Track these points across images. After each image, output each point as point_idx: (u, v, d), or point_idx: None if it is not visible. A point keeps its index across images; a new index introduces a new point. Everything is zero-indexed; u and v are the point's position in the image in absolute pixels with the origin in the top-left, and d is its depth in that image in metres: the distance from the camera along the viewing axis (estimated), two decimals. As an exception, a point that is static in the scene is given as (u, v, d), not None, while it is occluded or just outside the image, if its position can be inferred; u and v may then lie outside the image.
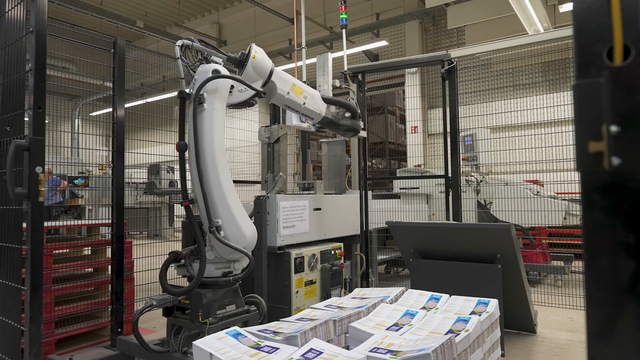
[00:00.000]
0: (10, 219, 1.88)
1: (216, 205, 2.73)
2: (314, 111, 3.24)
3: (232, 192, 2.80)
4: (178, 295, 2.70)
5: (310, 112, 3.23)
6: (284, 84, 3.06)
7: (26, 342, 1.76)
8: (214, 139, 2.70)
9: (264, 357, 1.82)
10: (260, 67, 2.96)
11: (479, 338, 2.28)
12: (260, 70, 2.96)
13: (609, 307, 0.57)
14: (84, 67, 11.93)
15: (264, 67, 2.97)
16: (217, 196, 2.74)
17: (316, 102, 3.27)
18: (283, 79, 3.06)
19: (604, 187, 0.56)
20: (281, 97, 3.06)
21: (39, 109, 1.80)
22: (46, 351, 3.28)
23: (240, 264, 2.83)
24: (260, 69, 2.96)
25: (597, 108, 0.55)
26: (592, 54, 0.58)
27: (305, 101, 3.16)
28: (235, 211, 2.78)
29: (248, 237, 2.79)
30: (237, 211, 2.79)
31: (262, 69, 2.96)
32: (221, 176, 2.74)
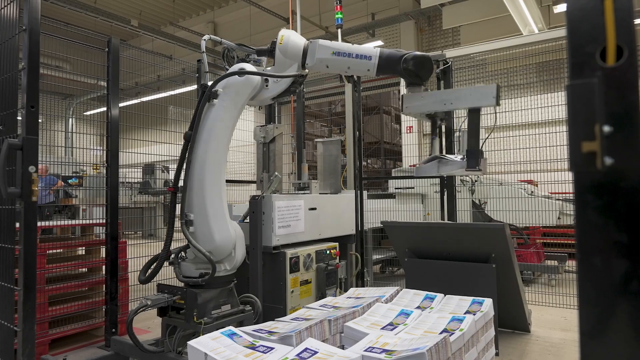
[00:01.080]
0: (3, 219, 1.87)
1: (192, 199, 2.72)
2: (367, 52, 2.65)
3: (213, 190, 2.73)
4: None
5: (364, 51, 2.66)
6: (324, 50, 2.69)
7: (19, 343, 1.75)
8: (212, 134, 2.68)
9: (259, 357, 1.81)
10: (290, 51, 2.76)
11: (474, 337, 2.29)
12: (290, 53, 2.77)
13: (601, 306, 0.57)
14: (78, 66, 11.86)
15: (295, 50, 2.75)
16: (196, 190, 2.72)
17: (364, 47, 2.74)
18: (322, 46, 2.69)
19: (596, 187, 0.56)
20: (325, 60, 2.69)
21: (32, 108, 1.79)
22: (40, 351, 3.25)
23: (223, 266, 2.79)
24: (290, 53, 2.77)
25: (591, 108, 0.55)
26: (586, 55, 0.58)
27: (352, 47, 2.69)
28: (211, 210, 2.72)
29: (217, 242, 2.74)
30: (213, 211, 2.73)
31: (293, 52, 2.76)
32: (207, 171, 2.70)
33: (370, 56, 2.57)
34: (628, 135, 0.54)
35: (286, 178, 9.06)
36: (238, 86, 2.74)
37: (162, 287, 2.89)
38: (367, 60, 2.57)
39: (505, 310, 3.70)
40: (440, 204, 4.71)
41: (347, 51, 2.63)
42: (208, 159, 2.70)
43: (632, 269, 0.55)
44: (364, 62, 2.57)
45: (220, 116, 2.72)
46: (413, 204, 6.33)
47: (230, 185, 7.65)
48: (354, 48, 2.63)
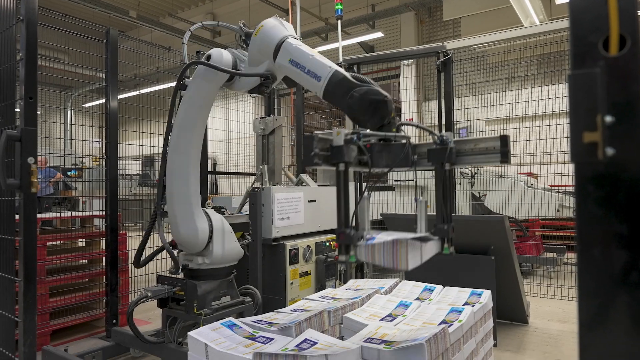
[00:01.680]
0: (2, 211, 1.86)
1: (166, 190, 2.71)
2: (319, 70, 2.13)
3: (181, 180, 2.67)
4: None
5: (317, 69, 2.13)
6: (284, 54, 2.26)
7: (20, 333, 1.76)
8: (182, 122, 2.64)
9: (258, 348, 1.82)
10: (262, 46, 2.35)
11: (472, 328, 2.30)
12: (262, 49, 2.36)
13: (601, 298, 0.57)
14: (76, 57, 11.79)
15: (267, 45, 2.32)
16: (167, 180, 2.70)
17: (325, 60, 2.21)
18: (285, 49, 2.27)
19: (597, 178, 0.56)
20: (284, 67, 2.27)
21: (30, 99, 1.78)
22: (41, 342, 3.27)
23: (201, 259, 2.77)
24: (262, 48, 2.36)
25: (592, 98, 0.55)
26: (588, 44, 0.58)
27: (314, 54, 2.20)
28: (178, 203, 2.68)
29: (182, 235, 2.71)
30: (179, 203, 2.68)
31: (264, 48, 2.34)
32: (176, 160, 2.66)
33: (320, 77, 2.08)
34: (630, 125, 0.54)
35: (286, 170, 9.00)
36: (205, 74, 2.62)
37: (162, 278, 2.91)
38: (315, 81, 2.09)
39: (504, 301, 3.72)
40: (440, 196, 4.70)
41: (302, 63, 2.16)
42: (178, 147, 2.66)
43: (632, 260, 0.55)
44: (312, 82, 2.11)
45: (189, 103, 2.65)
46: (413, 196, 6.33)
47: (230, 177, 7.65)
48: (309, 61, 2.14)
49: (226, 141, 6.26)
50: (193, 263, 2.78)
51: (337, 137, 1.66)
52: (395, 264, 1.67)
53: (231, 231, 2.86)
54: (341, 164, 1.67)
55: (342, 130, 1.67)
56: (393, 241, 1.66)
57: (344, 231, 1.67)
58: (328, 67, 2.08)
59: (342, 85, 2.00)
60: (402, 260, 1.67)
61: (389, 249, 1.68)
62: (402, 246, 1.66)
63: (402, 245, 1.66)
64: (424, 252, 1.75)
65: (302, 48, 2.21)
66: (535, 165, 6.05)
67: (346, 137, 1.66)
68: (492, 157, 1.80)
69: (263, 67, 2.45)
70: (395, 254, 1.67)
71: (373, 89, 1.92)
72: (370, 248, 1.70)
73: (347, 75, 2.03)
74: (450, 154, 1.81)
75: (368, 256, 1.70)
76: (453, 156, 1.83)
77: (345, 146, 1.65)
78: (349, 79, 2.00)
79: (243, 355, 1.78)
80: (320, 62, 2.11)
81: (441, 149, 1.82)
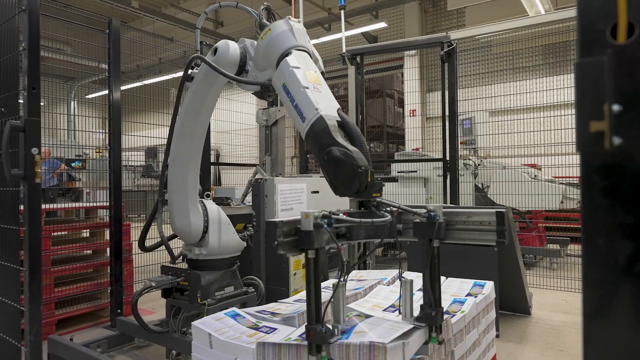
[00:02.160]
0: (7, 201, 1.87)
1: (168, 178, 2.70)
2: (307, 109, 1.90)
3: (181, 171, 2.65)
4: None
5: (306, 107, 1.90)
6: (280, 75, 2.04)
7: (26, 322, 1.78)
8: (186, 112, 2.61)
9: (262, 337, 1.84)
10: (268, 54, 2.14)
11: (475, 319, 2.30)
12: (268, 57, 2.14)
13: (605, 288, 0.57)
14: (79, 48, 11.76)
15: (271, 54, 2.11)
16: (169, 169, 2.69)
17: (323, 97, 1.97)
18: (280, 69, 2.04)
19: (603, 168, 0.55)
20: (277, 88, 2.09)
21: (33, 90, 1.78)
22: (47, 331, 3.31)
23: (198, 250, 2.78)
24: (267, 55, 2.14)
25: (599, 87, 0.54)
26: (596, 32, 0.57)
27: (309, 87, 1.94)
28: (175, 192, 2.68)
29: (176, 226, 2.72)
30: (177, 193, 2.68)
31: (270, 56, 2.12)
32: (178, 149, 2.65)
33: (305, 118, 1.87)
34: (638, 114, 0.53)
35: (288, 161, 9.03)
36: (207, 72, 2.48)
37: (165, 269, 2.92)
38: (300, 119, 1.89)
39: (507, 293, 3.73)
40: (443, 187, 4.70)
41: (292, 93, 1.95)
42: (183, 133, 2.64)
43: (638, 251, 0.55)
44: (297, 120, 1.91)
45: (188, 100, 2.63)
46: (415, 187, 6.32)
47: (233, 168, 7.65)
48: (299, 95, 1.92)
49: (229, 132, 6.26)
50: (191, 253, 2.80)
51: (305, 220, 1.52)
52: None
53: (228, 222, 2.84)
54: (310, 251, 1.53)
55: (312, 213, 1.53)
56: (370, 344, 1.52)
57: (314, 328, 1.52)
58: (314, 109, 1.84)
59: (320, 137, 1.78)
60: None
61: (366, 353, 1.53)
62: (380, 352, 1.51)
63: (381, 351, 1.51)
64: (407, 351, 1.59)
65: (297, 75, 1.95)
66: (539, 156, 6.02)
67: (316, 221, 1.52)
68: (486, 235, 1.66)
69: (266, 75, 2.24)
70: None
71: (350, 154, 1.68)
72: (345, 349, 1.55)
73: (332, 125, 1.79)
74: (439, 230, 1.67)
75: (342, 357, 1.55)
76: (442, 231, 1.69)
77: (315, 231, 1.51)
78: (329, 133, 1.76)
79: (247, 344, 1.80)
80: (309, 101, 1.87)
81: (428, 223, 1.68)
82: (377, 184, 1.74)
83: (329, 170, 1.73)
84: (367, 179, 1.69)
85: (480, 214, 1.70)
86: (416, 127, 10.03)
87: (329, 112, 1.85)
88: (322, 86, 2.00)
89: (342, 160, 1.68)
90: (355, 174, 1.66)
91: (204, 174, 3.85)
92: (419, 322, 1.72)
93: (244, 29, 13.54)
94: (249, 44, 2.44)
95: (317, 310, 1.54)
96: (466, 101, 5.44)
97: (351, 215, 1.72)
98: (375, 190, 1.73)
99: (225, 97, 5.74)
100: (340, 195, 1.75)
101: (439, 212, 1.69)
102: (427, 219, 1.68)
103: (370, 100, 13.49)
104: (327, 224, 1.53)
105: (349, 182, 1.69)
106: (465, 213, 1.73)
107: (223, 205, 2.98)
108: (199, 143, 2.69)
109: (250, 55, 2.41)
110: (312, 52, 2.20)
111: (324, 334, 1.52)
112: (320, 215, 1.54)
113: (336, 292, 1.63)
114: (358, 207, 1.80)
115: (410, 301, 1.74)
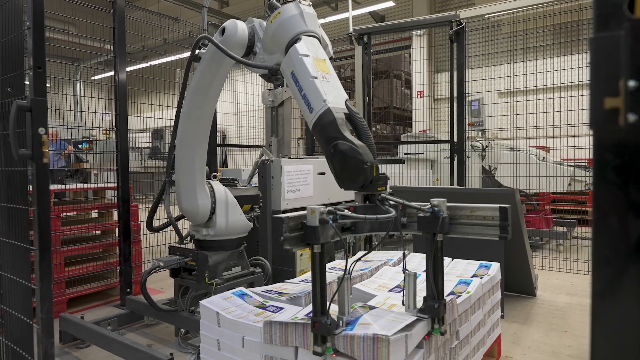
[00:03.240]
0: (16, 181, 1.89)
1: (175, 159, 2.70)
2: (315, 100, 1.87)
3: (188, 152, 2.65)
4: None
5: (315, 97, 1.87)
6: (288, 62, 2.01)
7: (37, 300, 1.81)
8: (193, 92, 2.60)
9: (269, 317, 1.86)
10: (277, 38, 2.09)
11: (480, 300, 2.32)
12: (277, 40, 2.10)
13: (615, 267, 0.56)
14: (84, 28, 11.69)
15: (281, 38, 2.06)
16: (176, 150, 2.69)
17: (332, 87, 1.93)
18: (289, 55, 2.00)
19: (617, 145, 0.54)
20: (285, 75, 2.05)
21: (39, 69, 1.77)
22: (58, 310, 3.38)
23: (206, 230, 2.80)
24: (277, 39, 2.10)
25: (615, 62, 0.53)
26: (612, 5, 0.55)
27: (318, 77, 1.90)
28: (183, 173, 2.68)
29: (184, 207, 2.74)
30: (184, 174, 2.68)
31: (279, 40, 2.08)
32: (186, 130, 2.64)
33: (313, 109, 1.85)
34: (654, 90, 0.52)
35: (295, 143, 8.99)
36: (216, 49, 2.36)
37: (173, 249, 2.95)
38: (307, 110, 1.87)
39: (512, 274, 3.74)
40: (450, 169, 4.67)
41: (300, 82, 1.92)
42: (190, 113, 2.63)
43: (649, 230, 0.54)
44: (305, 110, 1.89)
45: (196, 81, 2.59)
46: (422, 169, 6.30)
47: (240, 150, 7.65)
48: (308, 85, 1.89)
49: (235, 114, 6.23)
50: (199, 234, 2.82)
51: (311, 216, 1.54)
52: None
53: (235, 203, 2.86)
54: (316, 245, 1.56)
55: (317, 209, 1.54)
56: (374, 336, 1.54)
57: (320, 320, 1.55)
58: (322, 100, 1.82)
59: (327, 130, 1.78)
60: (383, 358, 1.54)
61: (370, 344, 1.55)
62: (383, 344, 1.53)
63: (384, 343, 1.53)
64: (410, 343, 1.62)
65: (306, 63, 1.92)
66: (548, 138, 5.95)
67: (321, 216, 1.53)
68: (489, 230, 1.67)
69: (274, 58, 2.20)
70: (377, 352, 1.54)
71: (356, 149, 1.69)
72: (350, 340, 1.57)
73: (339, 118, 1.78)
74: (442, 224, 1.68)
75: (347, 349, 1.58)
76: (446, 226, 1.70)
77: (320, 227, 1.53)
78: (336, 126, 1.76)
79: (254, 323, 1.82)
80: (317, 91, 1.85)
81: (432, 217, 1.70)
82: (382, 178, 1.76)
83: (334, 163, 1.74)
84: (372, 174, 1.70)
85: (484, 209, 1.71)
86: (423, 109, 9.93)
87: (336, 104, 1.84)
88: (330, 75, 1.98)
89: (348, 155, 1.69)
90: (360, 170, 1.68)
91: (211, 155, 3.85)
92: (422, 313, 1.75)
93: (250, 9, 13.36)
94: (257, 24, 2.39)
95: (322, 303, 1.58)
96: (475, 82, 5.36)
97: (356, 208, 1.75)
98: (380, 185, 1.75)
99: (231, 78, 5.70)
100: (346, 189, 1.77)
101: (442, 207, 1.70)
102: (431, 213, 1.70)
103: (377, 81, 13.36)
104: (332, 220, 1.56)
105: (354, 176, 1.70)
106: (468, 208, 1.74)
107: (230, 187, 2.99)
108: (206, 124, 2.69)
109: (258, 36, 2.36)
110: (322, 37, 2.16)
111: (329, 326, 1.55)
112: (326, 211, 1.57)
113: (342, 284, 1.66)
114: (363, 200, 1.82)
115: (414, 293, 1.77)
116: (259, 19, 2.42)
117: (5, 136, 1.88)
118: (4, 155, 1.93)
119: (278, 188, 3.27)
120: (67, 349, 2.93)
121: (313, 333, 1.59)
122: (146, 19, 5.05)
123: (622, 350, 0.57)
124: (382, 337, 1.54)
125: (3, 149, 1.93)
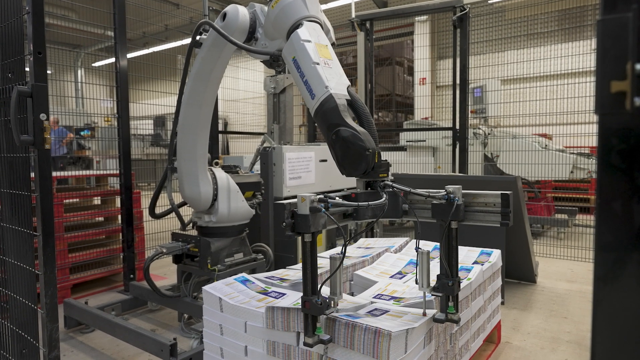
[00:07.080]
0: (18, 168, 1.89)
1: (177, 146, 2.69)
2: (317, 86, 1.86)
3: (190, 138, 2.64)
4: None
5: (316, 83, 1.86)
6: (290, 48, 1.98)
7: (42, 286, 1.83)
8: (194, 77, 2.57)
9: (271, 302, 1.88)
10: (278, 23, 2.08)
11: (481, 286, 2.33)
12: (278, 26, 2.09)
13: (618, 252, 0.56)
14: (84, 14, 11.59)
15: (282, 24, 2.06)
16: (178, 137, 2.67)
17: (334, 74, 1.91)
18: (291, 41, 1.98)
19: (623, 130, 0.54)
20: (287, 61, 2.02)
21: (39, 54, 1.76)
22: (62, 295, 3.41)
23: (208, 217, 2.80)
24: (278, 25, 2.09)
25: (623, 45, 0.52)
26: (621, -13, 0.54)
27: (320, 63, 1.89)
28: (185, 160, 2.67)
29: (186, 193, 2.74)
30: (186, 161, 2.67)
31: (280, 25, 2.07)
32: (187, 116, 2.63)
33: (314, 95, 1.84)
34: (661, 74, 0.51)
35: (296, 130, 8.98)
36: (217, 35, 2.33)
37: (176, 235, 2.97)
38: (309, 97, 1.86)
39: (513, 261, 3.75)
40: (452, 156, 4.66)
41: (302, 68, 1.91)
42: (191, 99, 2.61)
43: (652, 215, 0.54)
44: (307, 96, 1.88)
45: (197, 66, 2.57)
46: (424, 156, 6.29)
47: (241, 137, 7.64)
48: (309, 71, 1.88)
49: (237, 100, 6.21)
50: (201, 221, 2.83)
51: (302, 204, 1.50)
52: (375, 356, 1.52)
53: (238, 190, 2.87)
54: (307, 234, 1.53)
55: (308, 197, 1.51)
56: (376, 330, 1.51)
57: (310, 299, 1.53)
58: (324, 87, 1.81)
59: (329, 116, 1.77)
60: (383, 353, 1.51)
61: (371, 338, 1.52)
62: (384, 339, 1.50)
63: (385, 337, 1.50)
64: (410, 340, 1.59)
65: (308, 49, 1.90)
66: (551, 125, 5.93)
67: (312, 204, 1.50)
68: (490, 217, 1.70)
69: (276, 44, 2.19)
70: (377, 345, 1.51)
71: (358, 135, 1.68)
72: (351, 331, 1.55)
73: (341, 104, 1.77)
74: (457, 211, 1.68)
75: (347, 342, 1.56)
76: (461, 213, 1.70)
77: (311, 215, 1.50)
78: (338, 112, 1.74)
79: (256, 309, 1.84)
80: (319, 78, 1.84)
81: (447, 204, 1.69)
82: (384, 165, 1.76)
83: (336, 150, 1.74)
84: (374, 161, 1.70)
85: (486, 196, 1.72)
86: (426, 96, 9.88)
87: (338, 90, 1.83)
88: (332, 61, 1.96)
89: (350, 141, 1.68)
90: (362, 156, 1.67)
91: (212, 142, 3.85)
92: (436, 292, 1.75)
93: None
94: (259, 10, 2.37)
95: (313, 283, 1.56)
96: (477, 69, 5.32)
97: (357, 195, 1.74)
98: (382, 171, 1.75)
99: (232, 64, 5.67)
100: (347, 176, 1.77)
101: (458, 194, 1.70)
102: (446, 200, 1.70)
103: (379, 68, 13.25)
104: (324, 207, 1.53)
105: (356, 163, 1.70)
106: (470, 194, 1.74)
107: (232, 174, 2.99)
108: (208, 110, 2.68)
109: (260, 21, 2.34)
110: (324, 22, 2.15)
111: (319, 306, 1.53)
112: (317, 199, 1.54)
113: (333, 264, 1.63)
114: (365, 187, 1.81)
115: (428, 271, 1.75)
116: (261, 4, 2.40)
117: (6, 122, 1.88)
118: (6, 141, 1.93)
119: (280, 175, 3.27)
120: (71, 334, 2.97)
121: (304, 316, 1.57)
122: (147, 5, 5.00)
123: (623, 335, 0.57)
124: (384, 332, 1.53)
125: (5, 136, 1.93)
